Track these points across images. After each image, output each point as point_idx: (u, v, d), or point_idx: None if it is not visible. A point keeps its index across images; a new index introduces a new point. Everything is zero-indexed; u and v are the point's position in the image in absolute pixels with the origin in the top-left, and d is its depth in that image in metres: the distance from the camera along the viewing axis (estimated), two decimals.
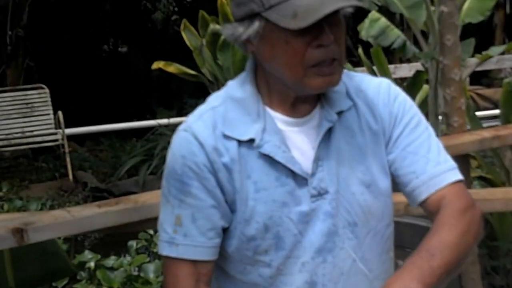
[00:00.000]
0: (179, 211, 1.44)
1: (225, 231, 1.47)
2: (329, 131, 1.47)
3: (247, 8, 1.38)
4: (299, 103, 1.47)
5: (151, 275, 4.33)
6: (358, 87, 1.54)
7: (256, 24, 1.38)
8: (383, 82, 1.57)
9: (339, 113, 1.49)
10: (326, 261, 1.47)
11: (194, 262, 1.44)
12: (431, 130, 1.55)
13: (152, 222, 2.62)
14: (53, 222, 2.46)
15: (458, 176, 1.49)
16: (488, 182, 4.40)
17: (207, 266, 1.46)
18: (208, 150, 1.43)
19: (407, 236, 3.68)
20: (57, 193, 7.19)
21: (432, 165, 1.48)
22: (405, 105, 1.53)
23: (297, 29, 1.33)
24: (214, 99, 1.52)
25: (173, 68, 7.77)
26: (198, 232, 1.43)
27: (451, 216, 1.41)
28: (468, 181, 3.39)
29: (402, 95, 1.55)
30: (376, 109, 1.52)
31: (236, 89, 1.50)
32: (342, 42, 1.41)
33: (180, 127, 1.50)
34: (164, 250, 1.46)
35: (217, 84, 7.32)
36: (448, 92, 3.76)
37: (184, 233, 1.43)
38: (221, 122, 1.46)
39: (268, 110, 1.47)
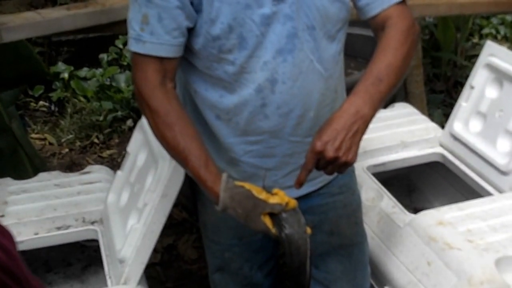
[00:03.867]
0: (146, 10, 1.45)
1: (192, 30, 1.49)
2: None
3: None
4: None
5: (122, 85, 4.38)
6: None
7: None
8: None
9: None
10: (286, 61, 1.52)
11: (160, 58, 1.47)
12: None
13: (119, 25, 2.64)
14: (25, 23, 2.47)
15: None
16: None
17: (172, 63, 1.50)
18: None
19: (358, 47, 3.79)
20: (27, 9, 7.01)
21: None
22: None
23: None
24: None
25: None
26: (164, 31, 1.45)
27: (396, 39, 1.51)
28: None
29: None
30: None
31: None
32: None
33: None
34: (132, 46, 1.49)
35: None
36: None
37: (151, 31, 1.45)
38: None
39: None
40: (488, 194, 2.16)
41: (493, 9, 3.27)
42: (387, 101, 1.81)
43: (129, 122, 4.16)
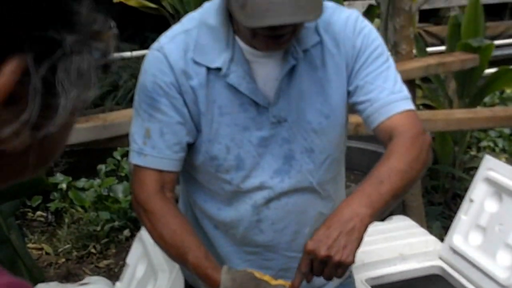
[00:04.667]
0: (149, 124, 1.48)
1: (192, 146, 1.52)
2: (293, 66, 1.50)
3: None
4: None
5: (120, 195, 4.38)
6: (327, 20, 1.53)
7: None
8: (352, 16, 1.55)
9: (305, 50, 1.50)
10: (283, 182, 1.54)
11: (160, 171, 1.49)
12: (391, 62, 1.56)
13: (119, 139, 2.71)
14: None
15: (410, 105, 1.52)
16: (432, 109, 4.53)
17: (171, 176, 1.51)
18: (177, 72, 1.46)
19: (356, 160, 3.84)
20: None
21: (386, 93, 1.50)
22: (369, 38, 1.53)
23: (239, 22, 1.33)
24: (188, 21, 1.53)
25: (133, 1, 7.61)
26: (165, 145, 1.48)
27: (402, 144, 1.43)
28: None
29: (367, 28, 1.55)
30: (341, 42, 1.52)
31: (210, 14, 1.49)
32: (297, 26, 1.39)
33: (153, 46, 1.52)
34: (134, 159, 1.51)
35: (178, 16, 7.20)
36: (398, 21, 3.83)
37: (152, 145, 1.48)
38: (192, 47, 1.47)
39: (238, 40, 1.47)
40: None
41: (490, 124, 3.35)
42: (385, 214, 1.81)
43: (126, 232, 4.15)
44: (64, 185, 4.51)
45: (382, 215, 1.41)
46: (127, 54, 6.68)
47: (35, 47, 0.45)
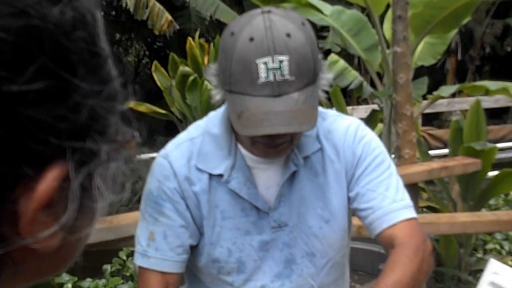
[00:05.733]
0: (153, 227, 1.51)
1: (195, 248, 1.55)
2: (294, 171, 1.52)
3: (215, 79, 1.39)
4: None
5: None
6: (328, 128, 1.55)
7: (222, 93, 1.37)
8: (352, 124, 1.57)
9: (306, 157, 1.53)
10: (284, 285, 1.55)
11: (163, 273, 1.50)
12: (393, 169, 1.56)
13: (126, 240, 2.72)
14: None
15: (412, 214, 1.51)
16: (436, 212, 4.50)
17: (174, 277, 1.52)
18: (180, 178, 1.50)
19: (360, 261, 3.80)
20: None
21: (388, 202, 1.49)
22: (369, 146, 1.54)
23: (236, 131, 1.35)
24: (194, 129, 1.57)
25: (143, 107, 7.77)
26: (168, 247, 1.50)
27: (405, 255, 1.43)
28: (416, 209, 3.50)
29: (368, 136, 1.56)
30: (341, 150, 1.54)
31: (214, 124, 1.53)
32: (294, 135, 1.42)
33: (160, 153, 1.56)
34: (138, 260, 1.53)
35: (186, 122, 7.34)
36: (400, 126, 3.89)
37: (156, 247, 1.51)
38: (196, 154, 1.51)
39: (240, 147, 1.49)
40: None
41: (494, 228, 3.33)
42: None
43: None
44: (69, 285, 4.46)
45: None
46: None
47: (75, 156, 0.48)
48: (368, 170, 1.53)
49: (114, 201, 0.56)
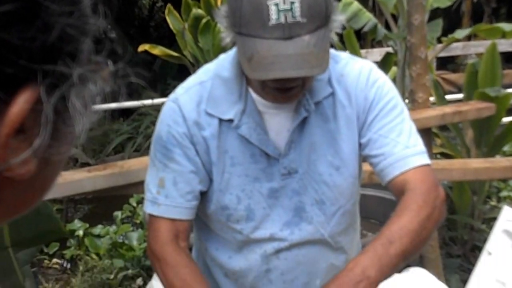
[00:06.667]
0: (163, 174, 1.49)
1: (205, 194, 1.52)
2: (305, 117, 1.49)
3: (226, 21, 1.35)
4: None
5: (135, 243, 4.37)
6: (340, 72, 1.52)
7: (232, 36, 1.34)
8: (365, 67, 1.54)
9: (317, 102, 1.50)
10: (294, 233, 1.53)
11: (173, 220, 1.49)
12: (406, 114, 1.53)
13: (136, 186, 2.71)
14: None
15: (425, 160, 1.48)
16: (449, 158, 4.43)
17: (184, 224, 1.51)
18: (189, 123, 1.47)
19: (371, 208, 3.76)
20: None
21: (400, 148, 1.47)
22: (382, 90, 1.51)
23: (246, 74, 1.33)
24: (204, 72, 1.54)
25: (157, 50, 7.74)
26: (178, 194, 1.48)
27: (414, 201, 1.40)
28: (429, 155, 3.44)
29: (381, 80, 1.53)
30: (353, 94, 1.51)
31: (224, 67, 1.51)
32: (306, 80, 1.39)
33: (170, 97, 1.53)
34: (148, 208, 1.51)
35: (198, 65, 7.27)
36: (414, 69, 3.81)
37: (166, 194, 1.49)
38: (206, 98, 1.49)
39: (251, 92, 1.48)
40: None
41: (508, 174, 3.25)
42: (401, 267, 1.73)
43: (139, 281, 4.10)
44: (81, 232, 4.52)
45: (390, 275, 1.36)
46: (148, 101, 6.72)
47: (47, 79, 0.48)
48: (381, 115, 1.49)
49: (86, 127, 0.55)
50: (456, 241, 4.41)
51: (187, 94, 1.51)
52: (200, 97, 1.49)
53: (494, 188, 4.85)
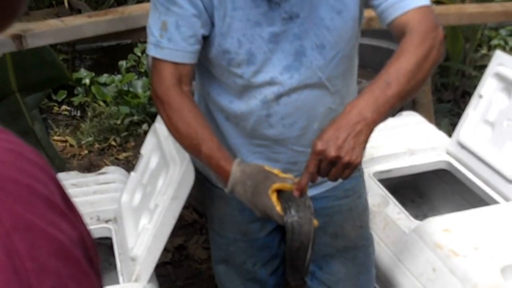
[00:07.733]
0: (165, 17, 1.46)
1: (206, 39, 1.50)
2: None
3: None
4: None
5: (139, 90, 4.39)
6: None
7: None
8: None
9: None
10: (293, 78, 1.52)
11: (176, 64, 1.48)
12: None
13: (137, 32, 2.69)
14: (49, 29, 2.49)
15: (425, 1, 1.44)
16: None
17: (186, 68, 1.50)
18: None
19: (368, 57, 3.73)
20: (53, 18, 7.04)
21: None
22: None
23: None
24: None
25: None
26: (181, 37, 1.46)
27: (412, 43, 1.37)
28: None
29: None
30: None
31: None
32: None
33: None
34: (151, 51, 1.50)
35: None
36: None
37: (169, 38, 1.47)
38: None
39: None
40: (495, 202, 2.10)
41: (501, 19, 3.23)
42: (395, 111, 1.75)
43: (145, 126, 4.16)
44: (87, 80, 4.53)
45: (388, 116, 1.36)
46: None
47: None
48: None
49: None
50: (448, 87, 4.44)
51: None
52: None
53: (486, 37, 4.82)
